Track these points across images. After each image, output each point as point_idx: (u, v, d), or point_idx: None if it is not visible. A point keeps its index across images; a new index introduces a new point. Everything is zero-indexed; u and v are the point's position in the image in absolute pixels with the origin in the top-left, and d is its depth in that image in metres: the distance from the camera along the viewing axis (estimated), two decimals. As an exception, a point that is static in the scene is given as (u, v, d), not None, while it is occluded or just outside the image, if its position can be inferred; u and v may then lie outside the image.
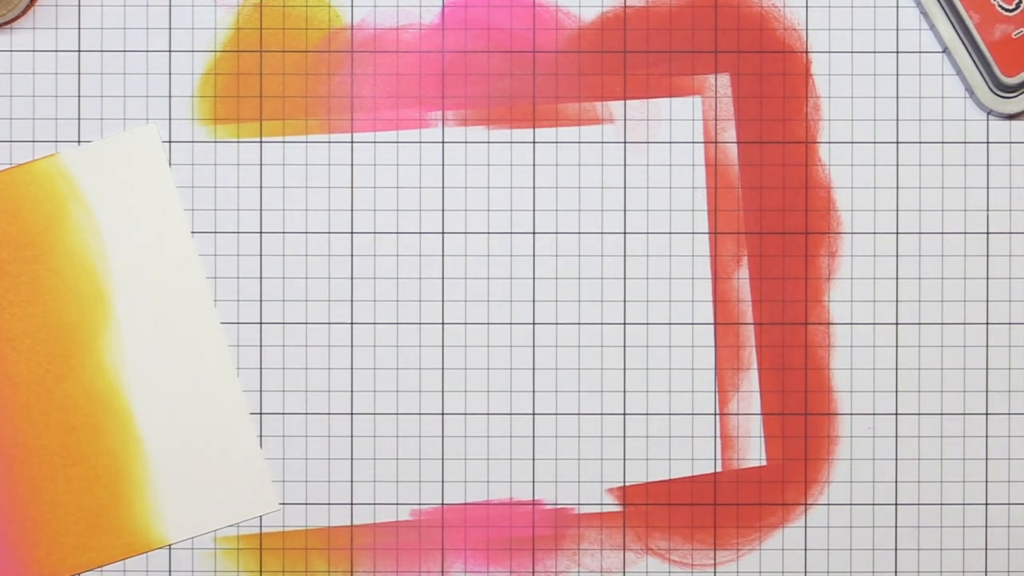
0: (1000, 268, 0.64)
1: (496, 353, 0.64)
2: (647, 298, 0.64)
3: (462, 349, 0.64)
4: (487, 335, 0.64)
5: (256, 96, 0.64)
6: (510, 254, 0.64)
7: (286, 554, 0.64)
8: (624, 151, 0.64)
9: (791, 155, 0.64)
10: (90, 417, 0.63)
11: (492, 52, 0.64)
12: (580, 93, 0.64)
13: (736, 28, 0.64)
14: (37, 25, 0.64)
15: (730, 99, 0.64)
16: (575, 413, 0.64)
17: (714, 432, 0.64)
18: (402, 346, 0.64)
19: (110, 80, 0.64)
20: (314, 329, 0.64)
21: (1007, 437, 0.64)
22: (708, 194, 0.64)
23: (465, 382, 0.64)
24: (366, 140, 0.64)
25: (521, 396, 0.64)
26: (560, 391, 0.64)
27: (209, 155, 0.64)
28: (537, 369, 0.64)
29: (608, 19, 0.64)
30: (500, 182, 0.64)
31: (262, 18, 0.64)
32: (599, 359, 0.64)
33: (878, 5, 0.64)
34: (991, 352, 0.64)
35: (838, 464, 0.64)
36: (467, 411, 0.64)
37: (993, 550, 0.64)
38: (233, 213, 0.64)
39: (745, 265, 0.64)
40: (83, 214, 0.63)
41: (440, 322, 0.64)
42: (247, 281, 0.64)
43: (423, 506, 0.64)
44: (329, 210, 0.64)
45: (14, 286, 0.63)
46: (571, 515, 0.64)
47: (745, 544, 0.64)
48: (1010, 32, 0.63)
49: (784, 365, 0.64)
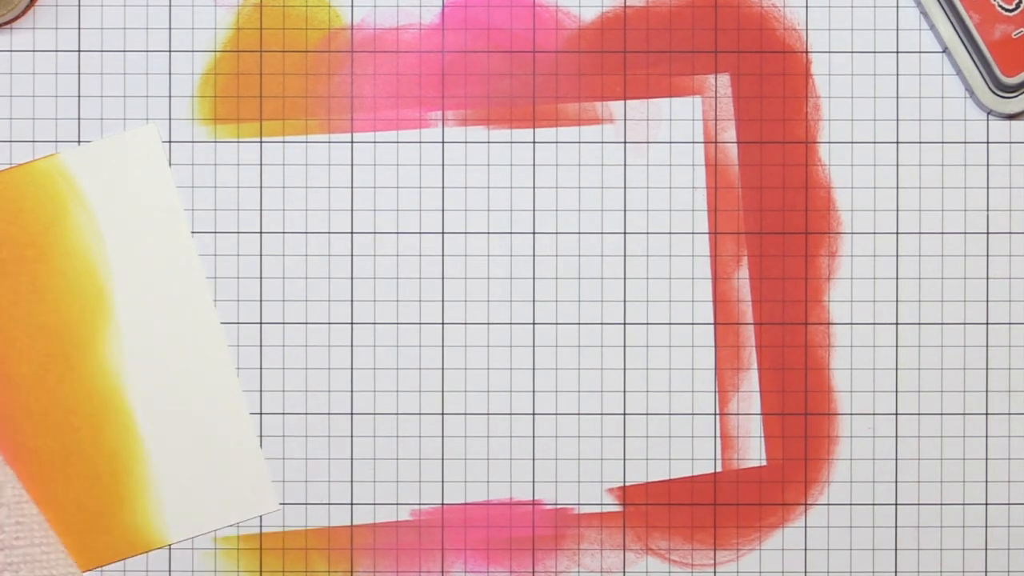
0: (1000, 268, 0.64)
1: (496, 353, 0.64)
2: (647, 298, 0.64)
3: (462, 349, 0.64)
4: (487, 335, 0.64)
5: (256, 96, 0.64)
6: (510, 254, 0.64)
7: (286, 554, 0.64)
8: (624, 151, 0.64)
9: (791, 155, 0.64)
10: (90, 417, 0.63)
11: (492, 52, 0.64)
12: (580, 93, 0.64)
13: (736, 28, 0.64)
14: (37, 25, 0.64)
15: (730, 99, 0.64)
16: (575, 413, 0.64)
17: (714, 432, 0.64)
18: (402, 346, 0.64)
19: (110, 80, 0.64)
20: (314, 329, 0.64)
21: (1007, 437, 0.64)
22: (708, 194, 0.64)
23: (465, 382, 0.64)
24: (366, 140, 0.64)
25: (521, 396, 0.64)
26: (560, 391, 0.64)
27: (209, 155, 0.64)
28: (537, 369, 0.64)
29: (608, 19, 0.64)
30: (500, 182, 0.64)
31: (262, 18, 0.64)
32: (599, 359, 0.64)
33: (878, 5, 0.64)
34: (991, 352, 0.64)
35: (838, 464, 0.64)
36: (467, 411, 0.64)
37: (993, 550, 0.64)
38: (233, 213, 0.64)
39: (745, 265, 0.64)
40: (83, 214, 0.63)
41: (440, 322, 0.64)
42: (247, 281, 0.64)
43: (423, 506, 0.64)
44: (329, 210, 0.64)
45: (15, 286, 0.63)
46: (571, 515, 0.64)
47: (745, 544, 0.64)
48: (1010, 32, 0.63)
49: (784, 365, 0.64)
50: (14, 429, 0.63)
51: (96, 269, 0.63)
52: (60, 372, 0.63)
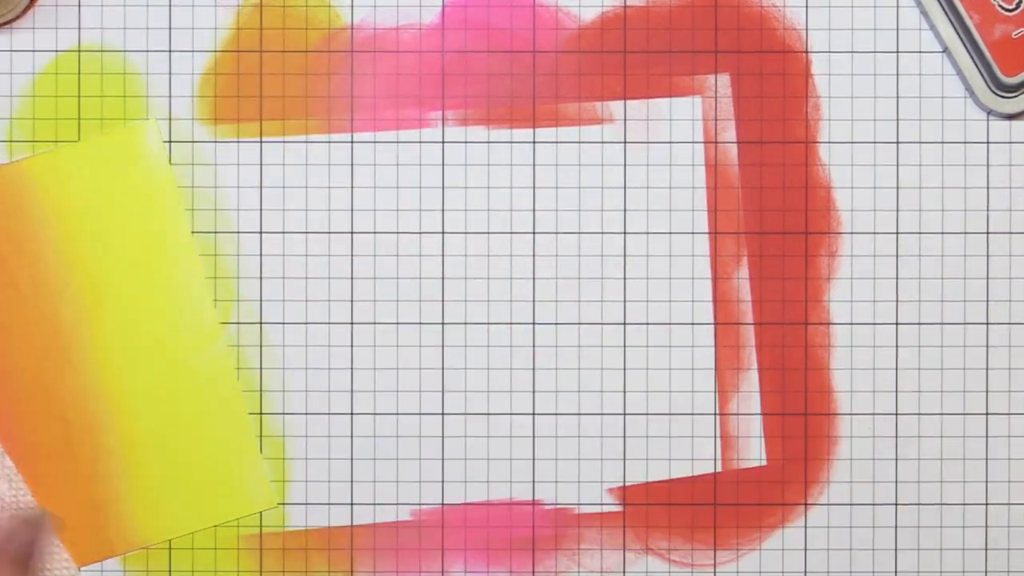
0: (1000, 268, 0.64)
1: (496, 353, 0.64)
2: (647, 298, 0.64)
3: (462, 349, 0.64)
4: (487, 335, 0.64)
5: (256, 96, 0.64)
6: (510, 254, 0.64)
7: (286, 554, 0.64)
8: (624, 151, 0.64)
9: (791, 155, 0.64)
10: (89, 416, 0.63)
11: (492, 52, 0.64)
12: (580, 93, 0.64)
13: (736, 28, 0.64)
14: (37, 25, 0.64)
15: (730, 99, 0.64)
16: (575, 413, 0.64)
17: (714, 432, 0.64)
18: (402, 346, 0.64)
19: (110, 80, 0.64)
20: (314, 329, 0.64)
21: (1007, 437, 0.64)
22: (708, 194, 0.64)
23: (465, 382, 0.64)
24: (366, 140, 0.64)
25: (521, 396, 0.64)
26: (560, 391, 0.64)
27: (209, 155, 0.64)
28: (537, 369, 0.64)
29: (608, 19, 0.64)
30: (500, 182, 0.64)
31: (262, 18, 0.64)
32: (599, 359, 0.64)
33: (878, 5, 0.64)
34: (991, 352, 0.64)
35: (838, 464, 0.64)
36: (467, 411, 0.64)
37: (993, 550, 0.64)
38: (233, 213, 0.64)
39: (745, 265, 0.64)
40: (83, 212, 0.63)
41: (440, 322, 0.64)
42: (247, 281, 0.64)
43: (423, 506, 0.64)
44: (329, 210, 0.64)
45: (13, 282, 0.63)
46: (571, 515, 0.64)
47: (745, 544, 0.64)
48: (1010, 32, 0.63)
49: (784, 365, 0.64)
50: (12, 427, 0.63)
51: (96, 267, 0.63)
52: (58, 369, 0.63)
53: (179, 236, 0.64)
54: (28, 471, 0.63)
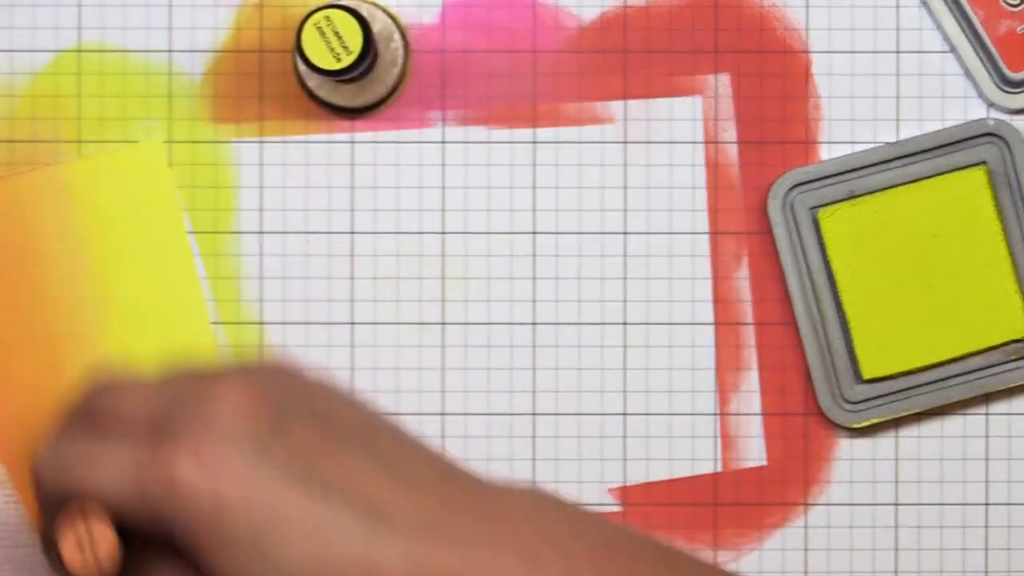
0: (1001, 268, 0.64)
1: (496, 353, 0.64)
2: (647, 298, 0.64)
3: (462, 349, 0.64)
4: (487, 335, 0.64)
5: (256, 96, 0.64)
6: (510, 254, 0.64)
7: (287, 553, 0.64)
8: (624, 151, 0.64)
9: (791, 155, 0.64)
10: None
11: (492, 52, 0.64)
12: (580, 93, 0.64)
13: (736, 28, 0.64)
14: (37, 25, 0.64)
15: (730, 99, 0.64)
16: (575, 413, 0.64)
17: (714, 432, 0.64)
18: (402, 346, 0.64)
19: (110, 80, 0.64)
20: (314, 329, 0.64)
21: (1007, 437, 0.64)
22: (708, 194, 0.64)
23: (465, 382, 0.64)
24: (366, 140, 0.64)
25: (521, 396, 0.64)
26: (560, 391, 0.64)
27: (209, 155, 0.64)
28: (537, 369, 0.64)
29: (608, 19, 0.64)
30: (500, 182, 0.64)
31: (262, 18, 0.64)
32: (599, 359, 0.64)
33: (878, 5, 0.64)
34: (992, 352, 0.64)
35: (838, 464, 0.64)
36: (467, 411, 0.64)
37: (993, 550, 0.64)
38: (233, 213, 0.64)
39: (745, 265, 0.64)
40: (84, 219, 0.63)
41: (440, 322, 0.64)
42: (249, 281, 0.64)
43: (423, 505, 0.64)
44: (329, 210, 0.64)
45: (14, 290, 0.63)
46: (571, 514, 0.64)
47: (745, 544, 0.64)
48: (1015, 27, 0.63)
49: (784, 365, 0.64)
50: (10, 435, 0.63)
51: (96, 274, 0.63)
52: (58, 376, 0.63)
53: (178, 240, 0.64)
54: (26, 480, 0.63)
